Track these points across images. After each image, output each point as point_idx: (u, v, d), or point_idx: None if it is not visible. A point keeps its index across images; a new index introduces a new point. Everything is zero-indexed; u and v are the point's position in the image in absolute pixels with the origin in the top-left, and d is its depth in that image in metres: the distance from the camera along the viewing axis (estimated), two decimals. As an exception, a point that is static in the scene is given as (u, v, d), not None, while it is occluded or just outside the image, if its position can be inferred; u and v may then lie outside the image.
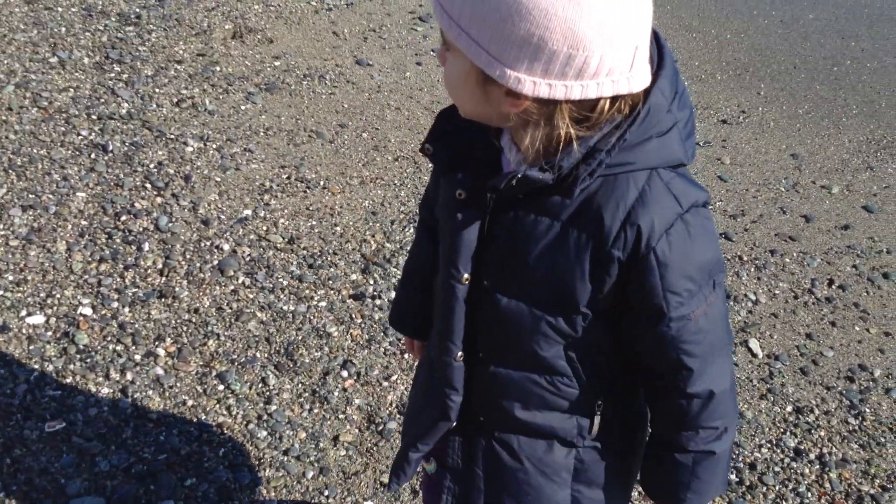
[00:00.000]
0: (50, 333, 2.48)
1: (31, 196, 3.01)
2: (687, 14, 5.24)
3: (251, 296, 2.74)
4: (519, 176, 1.11)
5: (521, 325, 1.28)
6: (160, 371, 2.41)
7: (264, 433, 2.28)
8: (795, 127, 4.12)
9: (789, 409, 2.56)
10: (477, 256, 1.26)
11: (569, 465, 1.45)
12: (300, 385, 2.44)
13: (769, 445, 2.43)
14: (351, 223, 3.18)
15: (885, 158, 3.89)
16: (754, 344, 2.77)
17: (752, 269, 3.13)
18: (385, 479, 2.21)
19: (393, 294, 2.82)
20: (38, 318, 2.53)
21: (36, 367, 2.36)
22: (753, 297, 2.99)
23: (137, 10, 4.47)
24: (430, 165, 3.53)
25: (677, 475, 1.37)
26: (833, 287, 3.08)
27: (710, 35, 4.97)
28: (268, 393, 2.40)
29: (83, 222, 2.95)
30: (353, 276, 2.90)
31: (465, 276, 1.27)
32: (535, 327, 1.27)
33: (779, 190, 3.64)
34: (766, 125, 4.13)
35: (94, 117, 3.50)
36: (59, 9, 4.28)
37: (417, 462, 1.51)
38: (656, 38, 1.12)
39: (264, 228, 3.07)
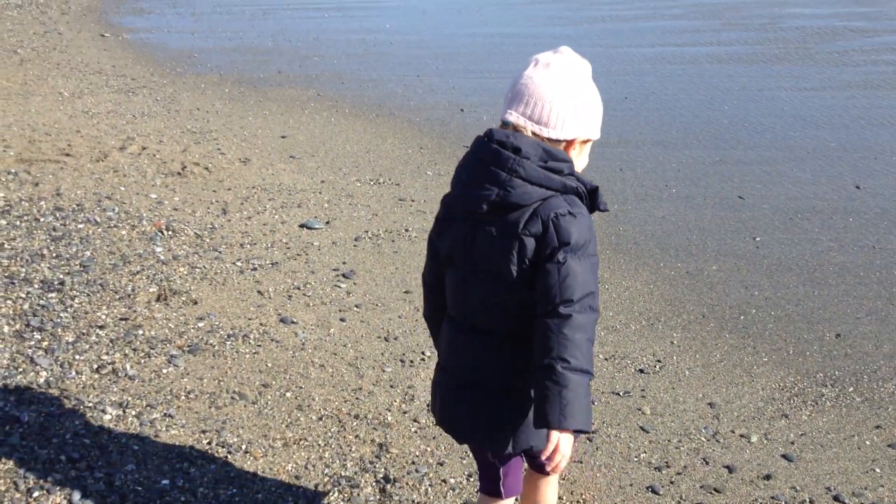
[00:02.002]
0: None
1: (-65, 474, 2.88)
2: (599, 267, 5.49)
3: (167, 576, 2.60)
4: None
5: None
6: None
7: None
8: (710, 376, 4.25)
9: None
10: None
11: None
12: None
13: None
14: (273, 489, 3.10)
15: (799, 405, 4.01)
16: None
17: (681, 524, 3.12)
18: None
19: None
20: None
21: None
22: (684, 554, 2.95)
23: (61, 276, 4.51)
24: (355, 424, 3.50)
25: None
26: (761, 540, 3.07)
27: (621, 286, 5.20)
28: None
29: (-10, 501, 2.81)
30: (276, 549, 2.79)
31: None
32: None
33: (700, 440, 3.69)
34: (681, 374, 4.25)
35: (10, 388, 3.43)
36: (-19, 276, 4.30)
37: None
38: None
39: (182, 500, 2.97)
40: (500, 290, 2.22)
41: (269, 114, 8.03)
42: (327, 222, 5.77)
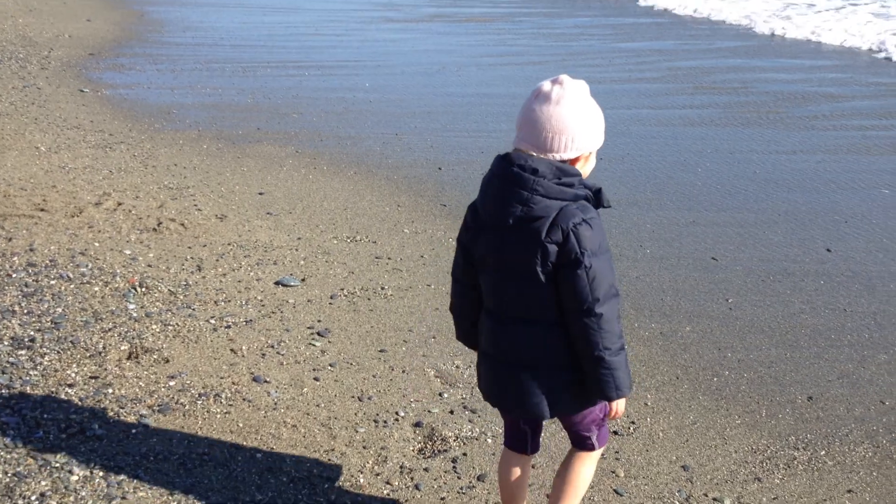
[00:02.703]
0: None
1: None
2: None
3: None
4: None
5: None
6: None
7: None
8: (683, 438, 4.25)
9: None
10: None
11: None
12: None
13: None
14: (242, 554, 3.05)
15: (771, 469, 4.01)
16: None
17: (654, 591, 3.09)
18: None
19: None
20: None
21: None
22: None
23: (32, 332, 4.47)
24: (327, 486, 3.47)
25: None
26: None
27: (596, 347, 5.21)
28: None
29: (-50, 566, 2.75)
30: None
31: None
32: None
33: (673, 503, 3.68)
34: (655, 436, 4.25)
35: (-26, 448, 3.38)
36: (-50, 333, 4.25)
37: None
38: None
39: (149, 565, 2.91)
40: (530, 288, 2.71)
41: (247, 170, 8.06)
42: (303, 280, 5.76)
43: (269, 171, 8.04)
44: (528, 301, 2.74)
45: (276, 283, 5.67)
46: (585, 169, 2.76)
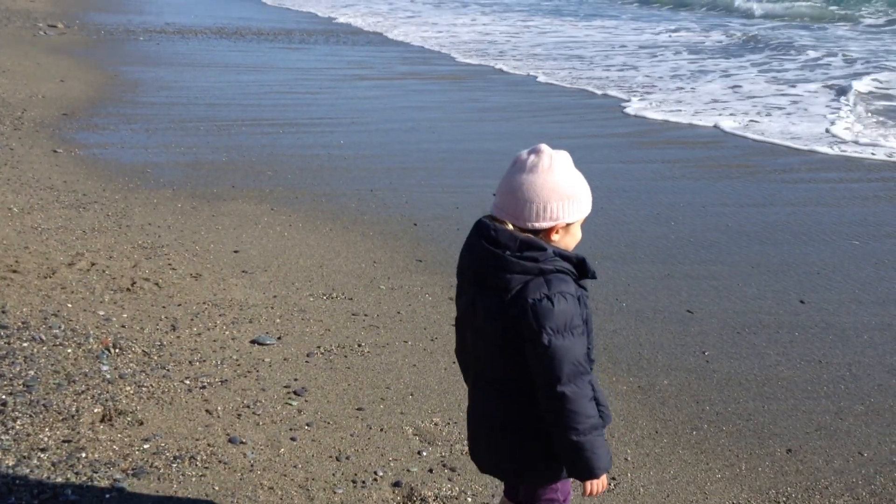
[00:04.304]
0: None
1: None
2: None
3: None
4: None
5: None
6: None
7: None
8: (665, 493, 4.22)
9: None
10: None
11: None
12: None
13: None
14: None
15: (753, 523, 4.01)
16: None
17: None
18: None
19: None
20: None
21: None
22: None
23: (4, 396, 4.40)
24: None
25: None
26: None
27: (575, 402, 5.19)
28: None
29: None
30: None
31: None
32: None
33: (656, 560, 3.66)
34: (636, 492, 4.22)
35: (-58, 516, 3.30)
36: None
37: None
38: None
39: None
40: (495, 353, 2.71)
41: (222, 228, 8.04)
42: (279, 338, 5.72)
43: (245, 229, 8.03)
44: (494, 365, 2.75)
45: (252, 342, 5.63)
46: (566, 241, 2.73)
